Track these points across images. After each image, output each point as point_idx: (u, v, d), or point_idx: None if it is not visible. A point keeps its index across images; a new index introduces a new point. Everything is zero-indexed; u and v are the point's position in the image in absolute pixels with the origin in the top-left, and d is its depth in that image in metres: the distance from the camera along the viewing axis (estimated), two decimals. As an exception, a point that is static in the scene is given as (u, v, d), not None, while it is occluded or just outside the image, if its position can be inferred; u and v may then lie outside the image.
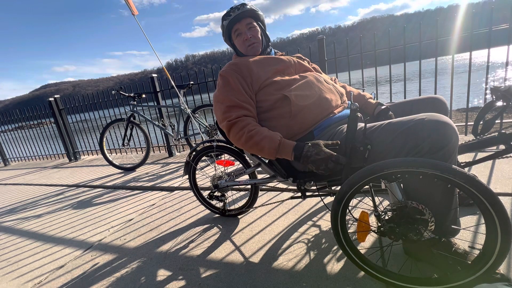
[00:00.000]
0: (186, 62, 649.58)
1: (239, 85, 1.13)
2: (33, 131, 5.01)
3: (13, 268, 1.52)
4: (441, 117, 0.81)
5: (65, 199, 2.56)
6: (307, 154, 0.93)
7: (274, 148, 1.00)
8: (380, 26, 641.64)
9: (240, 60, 1.20)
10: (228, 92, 1.13)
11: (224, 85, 1.15)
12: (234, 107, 1.10)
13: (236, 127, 1.07)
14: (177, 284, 1.15)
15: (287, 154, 0.99)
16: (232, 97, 1.12)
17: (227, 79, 1.15)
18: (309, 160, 0.92)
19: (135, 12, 2.35)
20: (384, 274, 0.92)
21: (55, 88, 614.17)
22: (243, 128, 1.06)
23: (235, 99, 1.11)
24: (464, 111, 3.50)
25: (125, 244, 1.55)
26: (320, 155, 0.91)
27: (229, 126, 1.09)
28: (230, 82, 1.14)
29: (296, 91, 1.10)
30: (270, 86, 1.14)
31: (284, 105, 1.11)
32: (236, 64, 1.18)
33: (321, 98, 1.11)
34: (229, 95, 1.12)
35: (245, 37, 1.22)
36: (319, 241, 1.26)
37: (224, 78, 1.16)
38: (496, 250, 0.73)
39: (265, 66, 1.18)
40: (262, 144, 1.01)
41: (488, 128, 0.97)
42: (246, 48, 1.24)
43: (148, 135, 3.19)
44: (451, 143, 0.79)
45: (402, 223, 0.85)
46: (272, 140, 1.00)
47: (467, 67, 2.27)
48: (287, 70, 1.20)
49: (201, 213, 1.78)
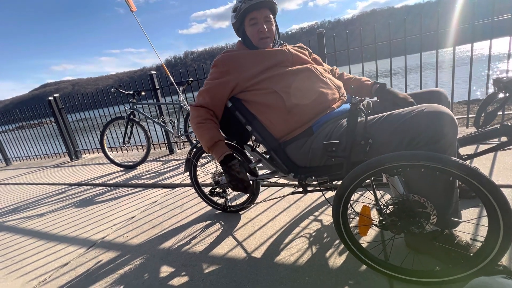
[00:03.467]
0: (185, 59, 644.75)
1: (221, 80, 1.18)
2: (33, 131, 5.02)
3: (17, 266, 1.53)
4: (439, 108, 0.80)
5: (67, 198, 2.57)
6: (231, 166, 1.13)
7: (208, 146, 1.17)
8: (380, 18, 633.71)
9: (238, 53, 1.20)
10: (210, 80, 1.21)
11: (211, 73, 1.23)
12: (206, 94, 1.21)
13: (193, 112, 1.22)
14: (180, 280, 1.16)
15: (216, 156, 1.17)
16: (210, 86, 1.20)
17: (216, 67, 1.21)
18: (229, 172, 1.13)
19: (133, 8, 2.33)
20: (386, 268, 0.92)
21: (54, 87, 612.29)
22: (197, 117, 1.20)
23: (210, 90, 1.20)
24: (466, 104, 3.48)
25: (128, 241, 1.56)
26: (240, 175, 1.12)
27: (192, 108, 1.24)
28: (216, 71, 1.20)
29: (288, 87, 1.10)
30: (263, 83, 1.14)
31: (278, 101, 1.10)
32: (229, 55, 1.19)
33: (316, 92, 1.09)
34: (210, 83, 1.21)
35: (261, 29, 1.17)
36: (320, 236, 1.27)
37: (214, 66, 1.22)
38: (498, 243, 0.73)
39: (260, 61, 1.16)
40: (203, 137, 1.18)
41: (490, 120, 0.96)
42: (258, 40, 1.20)
43: (148, 133, 3.19)
44: (449, 134, 0.78)
45: (403, 217, 0.85)
46: (210, 139, 1.17)
47: (464, 59, 2.24)
48: (284, 63, 1.18)
49: (202, 210, 1.78)
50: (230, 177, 1.13)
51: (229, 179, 1.14)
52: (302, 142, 1.09)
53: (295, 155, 1.12)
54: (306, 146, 1.08)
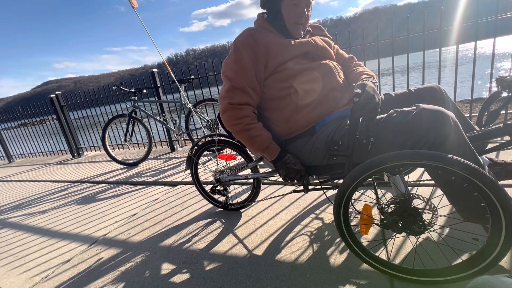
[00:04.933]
0: (186, 57, 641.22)
1: (251, 66, 1.05)
2: (36, 128, 5.04)
3: (20, 262, 1.54)
4: (437, 111, 0.79)
5: (69, 195, 2.59)
6: (286, 161, 1.07)
7: (263, 147, 1.08)
8: (383, 16, 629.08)
9: (264, 35, 1.07)
10: (238, 71, 1.05)
11: (235, 61, 1.06)
12: (240, 90, 1.05)
13: (235, 113, 1.06)
14: (182, 277, 1.16)
15: (270, 155, 1.09)
16: (241, 78, 1.05)
17: (240, 54, 1.05)
18: (285, 167, 1.07)
19: (135, 5, 2.32)
20: (387, 266, 0.92)
21: (56, 85, 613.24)
22: (243, 118, 1.06)
23: (243, 82, 1.05)
24: (468, 102, 3.46)
25: (130, 239, 1.56)
26: (296, 166, 1.06)
27: (227, 107, 1.06)
28: (243, 59, 1.04)
29: (306, 84, 1.05)
30: (282, 73, 1.07)
31: (291, 97, 1.07)
32: (256, 39, 1.05)
33: (328, 93, 1.07)
34: (239, 74, 1.05)
35: (301, 13, 1.07)
36: (321, 234, 1.27)
37: (238, 51, 1.05)
38: (500, 242, 0.73)
39: (285, 50, 1.07)
40: (256, 139, 1.07)
41: (493, 119, 0.96)
42: (293, 24, 1.09)
43: (150, 131, 3.19)
44: (451, 134, 0.78)
45: (405, 216, 0.85)
46: (265, 140, 1.08)
47: (465, 58, 2.23)
48: (307, 55, 1.11)
49: (204, 207, 1.79)
50: (287, 171, 1.07)
51: (286, 173, 1.08)
52: (305, 141, 1.09)
53: (297, 153, 1.12)
54: (308, 145, 1.08)
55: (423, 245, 1.04)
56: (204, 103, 3.04)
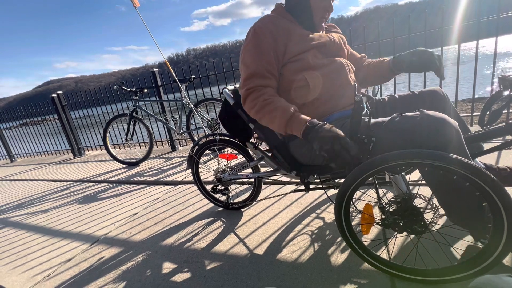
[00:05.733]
0: (187, 56, 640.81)
1: (270, 50, 1.02)
2: (37, 128, 5.05)
3: (22, 261, 1.55)
4: (440, 118, 0.79)
5: (70, 194, 2.59)
6: (318, 130, 0.85)
7: (286, 120, 0.93)
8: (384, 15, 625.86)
9: (284, 23, 1.05)
10: (256, 56, 1.02)
11: (255, 46, 1.03)
12: (258, 76, 1.02)
13: (252, 96, 1.01)
14: (183, 276, 1.17)
15: (297, 128, 0.91)
16: (259, 63, 1.02)
17: (259, 39, 1.02)
18: (318, 136, 0.84)
19: (136, 4, 2.32)
20: (388, 266, 0.92)
21: (57, 85, 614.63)
22: (259, 97, 1.00)
23: (261, 67, 1.02)
24: (470, 102, 3.45)
25: (131, 238, 1.57)
26: (331, 132, 0.82)
27: (246, 94, 1.03)
28: (262, 43, 1.02)
29: (318, 79, 1.04)
30: (297, 63, 1.04)
31: (301, 90, 1.05)
32: (276, 25, 1.03)
33: (339, 92, 1.06)
34: (257, 60, 1.02)
35: (329, 8, 1.06)
36: (322, 233, 1.27)
37: (257, 36, 1.03)
38: (501, 242, 0.73)
39: (305, 40, 1.05)
40: (274, 114, 0.96)
41: (495, 119, 0.95)
42: (320, 18, 1.09)
43: (151, 130, 3.20)
44: (452, 143, 0.77)
45: (406, 215, 0.85)
46: (285, 111, 0.94)
47: (465, 57, 2.22)
48: (323, 49, 1.09)
49: (205, 207, 1.79)
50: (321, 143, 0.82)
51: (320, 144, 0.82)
52: None
53: (299, 151, 1.11)
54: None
55: (424, 244, 1.04)
56: (205, 103, 3.04)
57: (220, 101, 2.88)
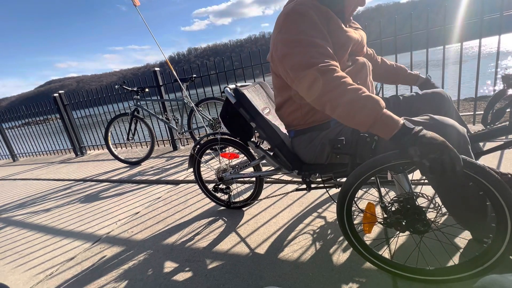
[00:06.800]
0: (188, 56, 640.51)
1: (321, 26, 0.88)
2: (39, 127, 5.07)
3: (24, 260, 1.56)
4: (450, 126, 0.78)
5: (72, 193, 2.60)
6: (419, 135, 0.69)
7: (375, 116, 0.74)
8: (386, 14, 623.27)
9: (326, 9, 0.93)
10: (309, 29, 0.86)
11: (302, 21, 0.86)
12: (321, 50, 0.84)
13: (330, 74, 0.80)
14: (184, 275, 1.17)
15: (387, 130, 0.73)
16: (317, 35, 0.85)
17: (305, 15, 0.87)
18: (422, 142, 0.68)
19: (137, 3, 2.32)
20: (390, 265, 0.92)
21: (59, 84, 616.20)
22: (343, 79, 0.79)
23: (321, 40, 0.85)
24: (472, 101, 3.43)
25: (133, 237, 1.57)
26: (438, 140, 0.67)
27: (319, 72, 0.80)
28: (312, 18, 0.87)
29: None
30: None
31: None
32: (318, 8, 0.91)
33: None
34: (313, 33, 0.85)
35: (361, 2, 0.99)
36: (324, 232, 1.27)
37: (300, 14, 0.87)
38: (505, 242, 0.72)
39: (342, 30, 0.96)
40: (358, 105, 0.75)
41: (499, 118, 0.95)
42: (351, 12, 1.02)
43: (152, 129, 3.20)
44: (459, 146, 0.77)
45: (408, 214, 0.84)
46: (377, 105, 0.75)
47: (467, 56, 2.21)
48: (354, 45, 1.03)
49: (206, 206, 1.79)
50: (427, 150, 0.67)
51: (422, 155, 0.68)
52: (314, 135, 1.06)
53: (302, 149, 1.11)
54: (317, 140, 1.06)
55: (427, 243, 1.03)
56: (206, 102, 3.04)
57: (221, 100, 2.88)
